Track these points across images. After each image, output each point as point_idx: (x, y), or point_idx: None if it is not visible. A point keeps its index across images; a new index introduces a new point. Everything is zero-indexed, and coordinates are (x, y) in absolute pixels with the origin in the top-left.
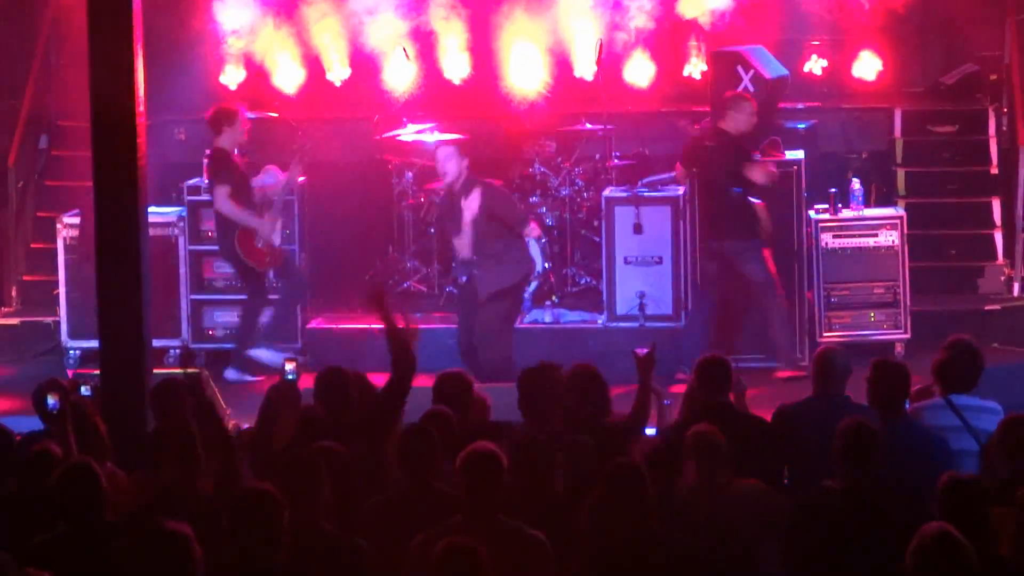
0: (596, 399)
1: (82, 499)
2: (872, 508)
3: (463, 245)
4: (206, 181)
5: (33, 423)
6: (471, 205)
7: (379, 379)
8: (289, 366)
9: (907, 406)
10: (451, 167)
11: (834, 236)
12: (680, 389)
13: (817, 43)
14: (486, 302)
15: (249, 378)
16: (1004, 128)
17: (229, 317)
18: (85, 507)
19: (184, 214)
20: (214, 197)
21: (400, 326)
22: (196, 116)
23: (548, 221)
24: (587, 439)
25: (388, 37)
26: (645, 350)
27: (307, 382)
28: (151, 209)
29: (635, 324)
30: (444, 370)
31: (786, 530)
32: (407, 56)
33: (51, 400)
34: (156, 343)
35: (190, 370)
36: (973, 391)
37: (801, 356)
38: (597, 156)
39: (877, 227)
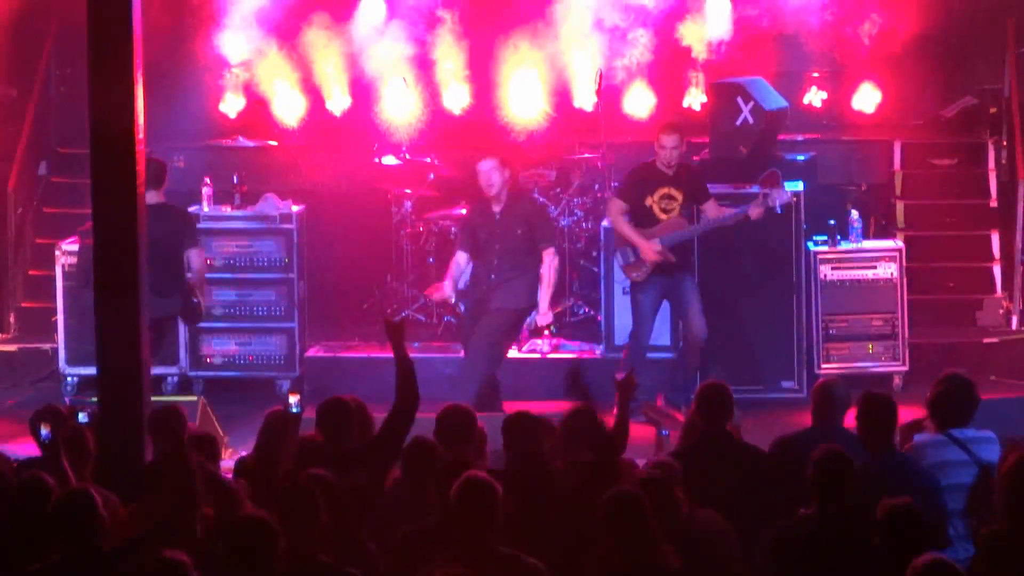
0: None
1: (79, 526)
2: (848, 537)
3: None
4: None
5: (31, 450)
6: (514, 214)
7: (377, 409)
8: (293, 399)
9: (895, 438)
10: (496, 178)
11: (833, 268)
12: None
13: (817, 75)
14: (492, 312)
15: None
16: (1003, 161)
17: (228, 344)
18: (82, 535)
19: None
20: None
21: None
22: (195, 144)
23: None
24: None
25: (388, 66)
26: (623, 375)
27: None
28: None
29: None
30: (449, 404)
31: (765, 558)
32: (407, 85)
33: (43, 430)
34: (155, 371)
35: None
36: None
37: (799, 386)
38: (596, 186)
39: (876, 259)
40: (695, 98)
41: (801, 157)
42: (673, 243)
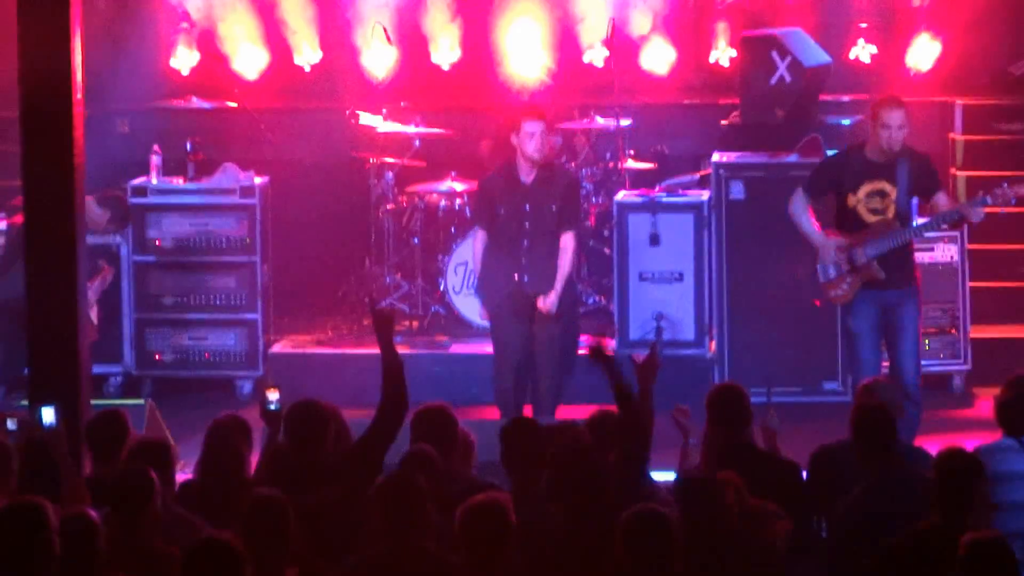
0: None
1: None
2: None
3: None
4: None
5: None
6: (549, 187)
7: (353, 414)
8: (273, 395)
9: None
10: (544, 143)
11: None
12: None
13: (865, 26)
14: (551, 316)
15: None
16: None
17: (179, 339)
18: (24, 550)
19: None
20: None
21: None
22: (143, 105)
23: None
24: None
25: (365, 14)
26: (643, 355)
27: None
28: None
29: (632, 354)
30: (425, 403)
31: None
32: (387, 37)
33: None
34: (95, 369)
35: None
36: None
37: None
38: (608, 155)
39: (933, 240)
40: (723, 53)
41: (846, 121)
42: (881, 252)
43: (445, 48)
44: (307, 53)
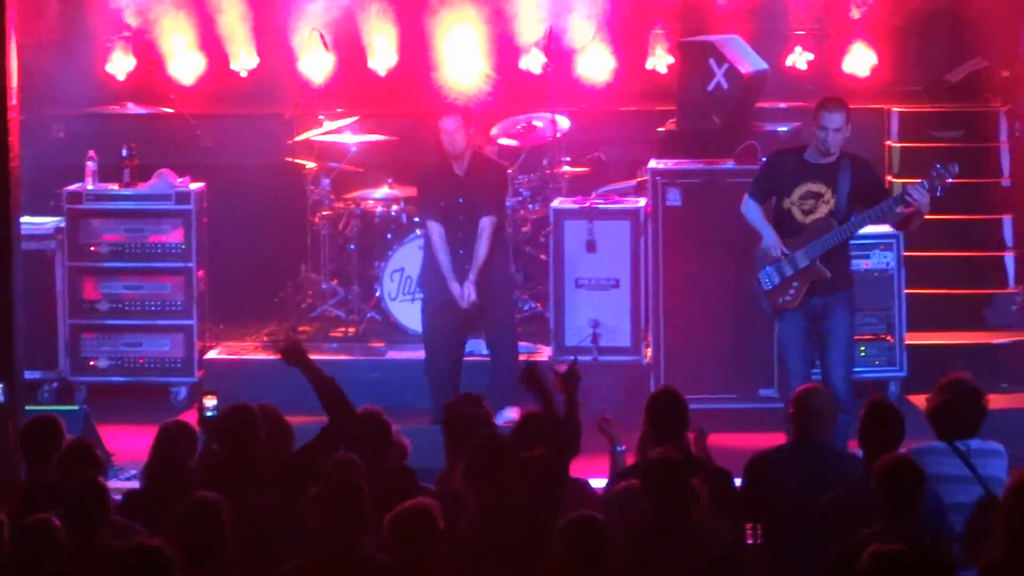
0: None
1: None
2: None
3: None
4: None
5: None
6: (479, 177)
7: (291, 420)
8: (210, 402)
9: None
10: (460, 139)
11: None
12: None
13: (802, 33)
14: (495, 303)
15: None
16: (1017, 134)
17: (114, 345)
18: None
19: (63, 225)
20: None
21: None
22: (78, 111)
23: None
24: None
25: (302, 20)
26: (564, 366)
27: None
28: (24, 219)
29: (588, 358)
30: (359, 408)
31: None
32: (324, 43)
33: None
34: (28, 375)
35: None
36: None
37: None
38: (545, 162)
39: (869, 247)
40: (660, 60)
41: (784, 128)
42: (823, 251)
43: (382, 54)
44: (244, 59)
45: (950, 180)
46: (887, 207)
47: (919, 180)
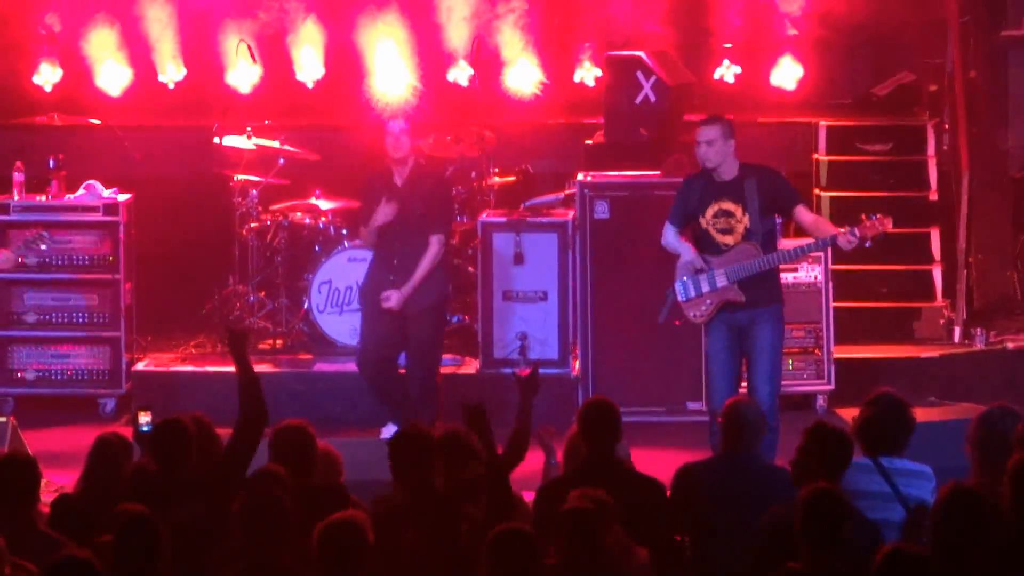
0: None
1: None
2: None
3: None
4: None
5: None
6: (417, 189)
7: (218, 432)
8: (144, 417)
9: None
10: (405, 142)
11: None
12: None
13: (729, 46)
14: (419, 315)
15: None
16: (945, 147)
17: (42, 356)
18: None
19: None
20: None
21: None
22: (4, 122)
23: None
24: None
25: (230, 31)
26: (527, 371)
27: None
28: None
29: (515, 370)
30: (284, 421)
31: None
32: (251, 55)
33: None
34: None
35: None
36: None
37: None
38: (473, 174)
39: (797, 261)
40: (588, 72)
41: None
42: (741, 277)
43: (309, 66)
44: (171, 71)
45: (882, 235)
46: (812, 247)
47: (847, 228)
